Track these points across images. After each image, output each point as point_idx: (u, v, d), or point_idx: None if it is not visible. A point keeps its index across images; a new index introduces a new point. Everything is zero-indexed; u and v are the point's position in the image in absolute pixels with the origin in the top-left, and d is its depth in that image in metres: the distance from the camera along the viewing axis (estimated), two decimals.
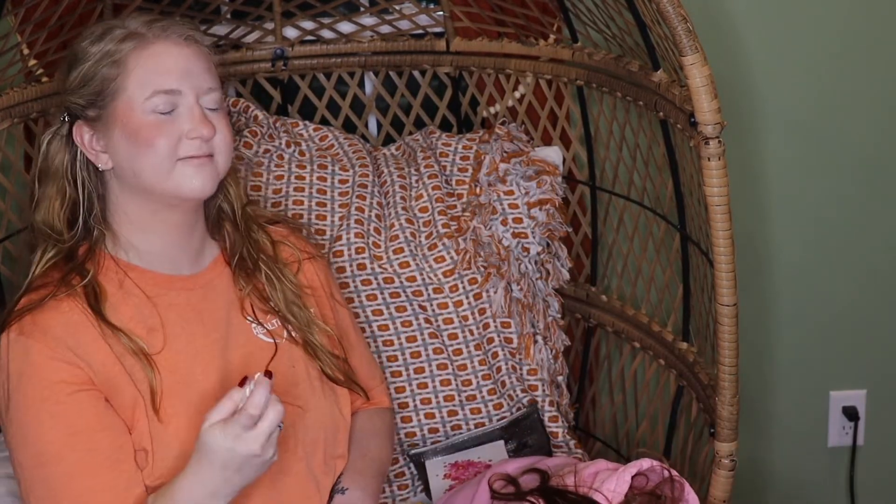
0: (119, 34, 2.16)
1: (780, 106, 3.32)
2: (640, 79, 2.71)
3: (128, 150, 2.15)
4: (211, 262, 2.32)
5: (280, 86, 3.14)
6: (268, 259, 2.36)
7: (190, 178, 2.16)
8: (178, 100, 2.15)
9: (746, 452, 2.86)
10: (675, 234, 2.83)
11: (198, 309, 2.25)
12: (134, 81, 2.14)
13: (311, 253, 2.47)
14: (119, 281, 2.20)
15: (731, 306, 2.47)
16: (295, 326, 2.33)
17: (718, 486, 2.63)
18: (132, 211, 2.22)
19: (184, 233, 2.26)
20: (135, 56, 2.14)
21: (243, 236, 2.34)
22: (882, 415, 3.59)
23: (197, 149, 2.15)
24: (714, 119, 2.36)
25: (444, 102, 3.21)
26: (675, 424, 2.93)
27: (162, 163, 2.14)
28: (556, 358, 2.98)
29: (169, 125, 2.14)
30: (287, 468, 2.24)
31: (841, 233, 3.44)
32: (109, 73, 2.15)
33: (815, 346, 3.52)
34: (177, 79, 2.15)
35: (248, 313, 2.31)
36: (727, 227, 2.42)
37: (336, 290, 2.52)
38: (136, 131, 2.13)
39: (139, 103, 2.13)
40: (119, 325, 2.15)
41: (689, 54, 2.31)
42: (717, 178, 2.40)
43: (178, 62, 2.16)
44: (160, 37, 2.16)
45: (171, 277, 2.24)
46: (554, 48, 3.00)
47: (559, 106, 3.07)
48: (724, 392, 2.56)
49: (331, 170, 2.95)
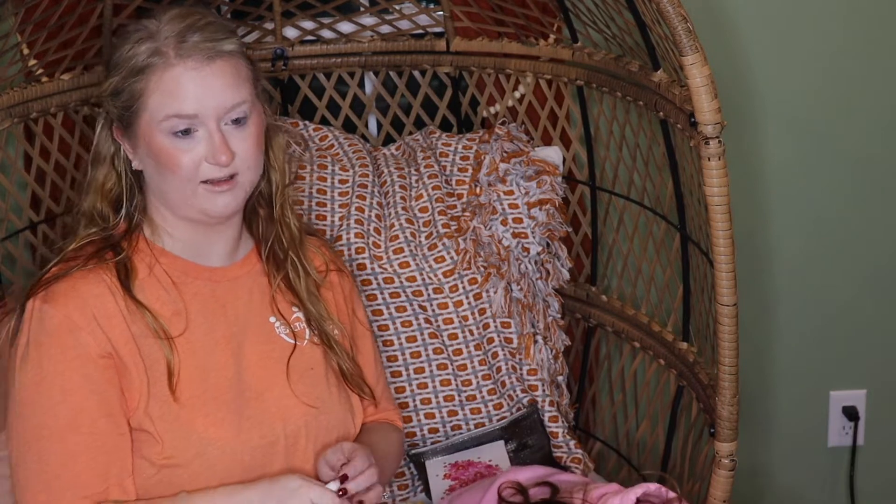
0: (146, 49, 2.15)
1: (780, 105, 3.32)
2: (640, 79, 2.71)
3: (153, 168, 2.19)
4: (244, 256, 2.34)
5: (280, 86, 3.14)
6: (297, 247, 2.37)
7: (213, 201, 2.18)
8: (196, 123, 2.14)
9: (746, 452, 2.85)
10: (675, 233, 2.83)
11: (221, 301, 2.28)
12: (153, 103, 2.15)
13: (339, 266, 2.49)
14: (150, 265, 2.23)
15: (732, 306, 2.47)
16: (313, 317, 2.35)
17: (718, 486, 2.62)
18: (159, 209, 2.25)
19: (215, 229, 2.27)
20: (156, 78, 2.14)
21: (276, 220, 2.35)
22: (882, 415, 3.58)
23: (217, 172, 2.16)
24: (714, 119, 2.36)
25: (444, 102, 3.20)
26: (675, 424, 2.92)
27: (184, 186, 2.16)
28: (556, 358, 2.97)
29: (187, 148, 2.15)
30: (297, 468, 2.26)
31: (841, 232, 3.43)
32: (135, 89, 2.16)
33: (816, 345, 3.52)
34: (194, 104, 2.14)
35: (275, 312, 2.33)
36: (727, 226, 2.42)
37: (360, 309, 2.53)
38: (158, 153, 2.16)
39: (156, 123, 2.14)
40: (145, 304, 2.18)
41: (689, 54, 2.31)
42: (718, 178, 2.39)
43: (197, 87, 2.14)
44: (182, 58, 2.13)
45: (198, 267, 2.27)
46: (554, 48, 2.99)
47: (559, 106, 3.06)
48: (724, 392, 2.56)
49: (330, 170, 2.94)
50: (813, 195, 3.41)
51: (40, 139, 2.73)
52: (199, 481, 2.16)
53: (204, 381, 2.20)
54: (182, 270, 2.25)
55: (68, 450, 2.11)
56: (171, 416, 2.16)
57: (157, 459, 2.14)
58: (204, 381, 2.20)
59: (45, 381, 2.11)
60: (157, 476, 2.15)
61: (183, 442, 2.15)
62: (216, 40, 2.16)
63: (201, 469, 2.16)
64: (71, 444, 2.11)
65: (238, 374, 2.23)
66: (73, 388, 2.11)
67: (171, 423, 2.15)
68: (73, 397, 2.11)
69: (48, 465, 2.11)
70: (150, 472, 2.15)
